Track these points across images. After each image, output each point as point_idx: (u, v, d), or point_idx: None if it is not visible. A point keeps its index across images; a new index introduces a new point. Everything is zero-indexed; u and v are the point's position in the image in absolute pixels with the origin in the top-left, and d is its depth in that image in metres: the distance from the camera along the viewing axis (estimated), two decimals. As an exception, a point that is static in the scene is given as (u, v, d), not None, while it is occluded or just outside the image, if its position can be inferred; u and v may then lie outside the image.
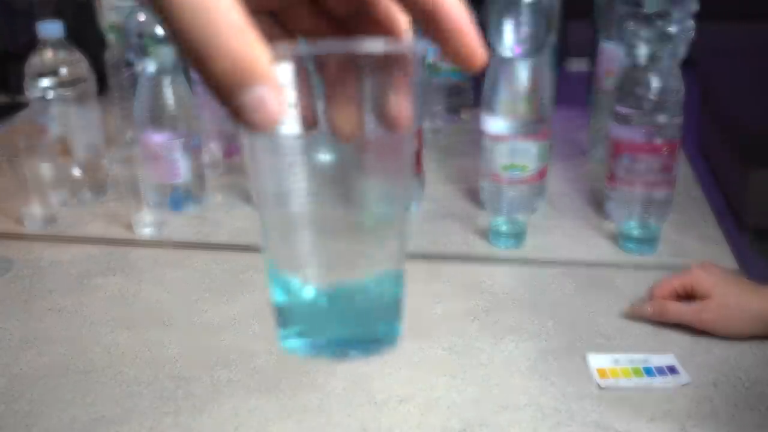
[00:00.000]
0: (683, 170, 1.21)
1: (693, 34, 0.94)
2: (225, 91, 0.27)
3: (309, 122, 0.32)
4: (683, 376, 0.77)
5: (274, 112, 0.28)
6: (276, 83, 0.28)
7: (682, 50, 0.94)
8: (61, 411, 0.73)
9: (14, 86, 1.12)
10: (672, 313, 0.83)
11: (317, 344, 0.34)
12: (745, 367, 0.78)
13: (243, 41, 0.27)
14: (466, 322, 0.87)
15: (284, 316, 0.34)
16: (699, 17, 0.93)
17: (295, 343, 0.34)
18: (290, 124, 0.31)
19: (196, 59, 0.27)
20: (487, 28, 0.96)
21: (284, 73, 0.30)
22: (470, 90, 1.34)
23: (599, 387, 0.75)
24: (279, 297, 0.34)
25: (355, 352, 0.34)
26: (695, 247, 1.02)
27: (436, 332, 0.84)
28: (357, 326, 0.34)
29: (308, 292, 0.33)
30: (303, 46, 0.31)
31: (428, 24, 0.32)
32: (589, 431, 0.71)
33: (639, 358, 0.79)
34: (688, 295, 0.84)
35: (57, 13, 1.11)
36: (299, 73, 0.31)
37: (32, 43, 1.06)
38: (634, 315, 0.86)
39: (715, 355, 0.80)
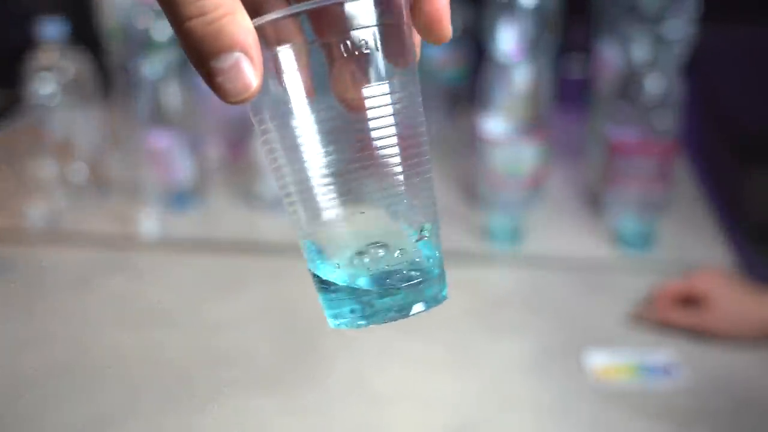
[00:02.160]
0: (683, 170, 1.21)
1: (691, 36, 0.94)
2: (199, 53, 0.27)
3: (308, 89, 0.31)
4: (681, 377, 0.77)
5: (246, 79, 0.27)
6: (252, 51, 0.27)
7: (679, 52, 0.94)
8: (62, 411, 0.73)
9: (16, 86, 1.12)
10: (674, 319, 0.84)
11: (368, 315, 0.34)
12: (743, 368, 0.78)
13: (219, 3, 0.26)
14: (464, 321, 0.87)
15: (330, 298, 0.35)
16: (699, 18, 0.94)
17: (345, 320, 0.34)
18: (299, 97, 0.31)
19: (174, 19, 0.27)
20: (486, 32, 0.96)
21: (285, 54, 0.30)
22: (469, 92, 1.35)
23: (597, 386, 0.76)
24: (323, 280, 0.34)
25: (411, 311, 0.34)
26: (694, 247, 1.02)
27: (436, 331, 0.85)
28: (403, 292, 0.34)
29: (350, 272, 0.34)
30: (288, 8, 0.30)
31: None
32: (586, 430, 0.71)
33: (637, 357, 0.80)
34: (689, 300, 0.84)
35: (59, 13, 1.11)
36: (298, 47, 0.30)
37: (34, 43, 1.06)
38: (637, 319, 0.86)
39: (713, 356, 0.80)
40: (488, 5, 0.95)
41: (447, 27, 0.31)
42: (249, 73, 0.27)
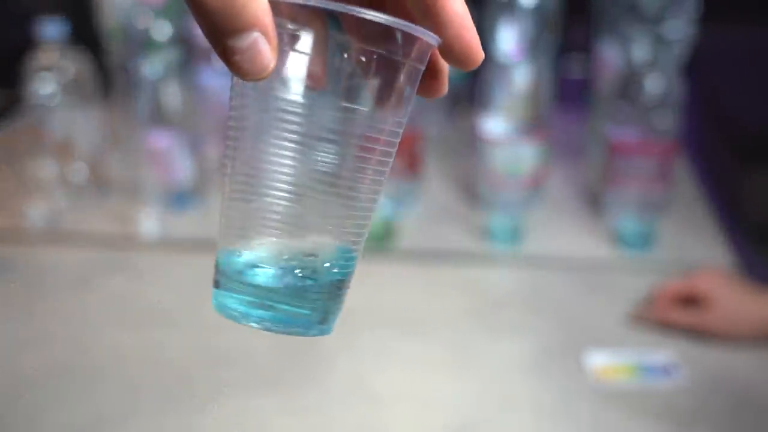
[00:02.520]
0: (683, 170, 1.21)
1: (691, 36, 0.94)
2: (215, 30, 0.27)
3: (316, 81, 0.30)
4: (681, 377, 0.77)
5: (264, 60, 0.27)
6: (270, 31, 0.27)
7: (679, 52, 0.94)
8: (63, 411, 0.73)
9: (16, 86, 1.12)
10: (674, 319, 0.84)
11: (252, 314, 0.34)
12: (742, 368, 0.78)
13: None
14: (464, 321, 0.87)
15: (226, 280, 0.34)
16: (699, 18, 0.94)
17: (229, 306, 0.34)
18: (296, 83, 0.30)
19: None
20: (486, 32, 0.96)
21: (305, 40, 0.29)
22: (469, 92, 1.35)
23: (597, 386, 0.76)
24: (225, 262, 0.34)
25: (286, 329, 0.34)
26: (694, 247, 1.02)
27: (435, 331, 0.85)
28: (296, 304, 0.33)
29: (250, 267, 0.33)
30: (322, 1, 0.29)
31: (426, 14, 0.31)
32: (586, 430, 0.71)
33: (637, 357, 0.80)
34: (689, 300, 0.84)
35: (59, 13, 1.11)
36: (318, 31, 0.29)
37: (34, 43, 1.06)
38: (637, 319, 0.86)
39: (712, 356, 0.80)
40: (488, 5, 0.95)
41: (480, 53, 0.31)
42: (266, 53, 0.27)
